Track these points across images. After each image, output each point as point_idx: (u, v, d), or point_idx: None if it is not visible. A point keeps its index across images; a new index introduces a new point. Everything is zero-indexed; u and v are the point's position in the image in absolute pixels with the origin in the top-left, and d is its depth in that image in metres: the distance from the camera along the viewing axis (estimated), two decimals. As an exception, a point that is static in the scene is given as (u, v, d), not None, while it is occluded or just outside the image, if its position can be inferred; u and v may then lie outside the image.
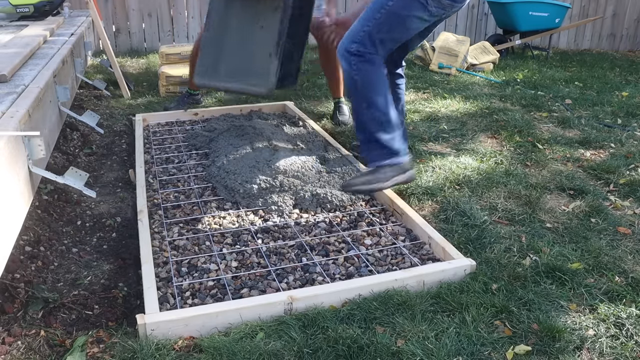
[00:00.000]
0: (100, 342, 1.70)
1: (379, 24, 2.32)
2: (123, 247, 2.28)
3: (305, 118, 3.65)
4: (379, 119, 2.37)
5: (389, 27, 2.33)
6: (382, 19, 2.32)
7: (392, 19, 2.31)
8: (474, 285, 1.93)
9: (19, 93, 2.01)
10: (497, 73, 5.33)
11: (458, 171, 2.93)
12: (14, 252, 2.03)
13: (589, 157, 3.18)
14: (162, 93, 4.35)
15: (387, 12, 2.30)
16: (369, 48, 2.33)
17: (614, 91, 4.72)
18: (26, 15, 3.60)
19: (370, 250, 2.21)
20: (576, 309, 1.85)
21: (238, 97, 4.30)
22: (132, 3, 5.85)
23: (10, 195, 1.58)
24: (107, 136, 3.54)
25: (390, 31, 2.34)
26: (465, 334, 1.70)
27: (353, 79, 2.36)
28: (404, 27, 2.35)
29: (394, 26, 2.33)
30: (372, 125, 2.38)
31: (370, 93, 2.36)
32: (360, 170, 2.79)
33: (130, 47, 5.96)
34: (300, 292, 1.86)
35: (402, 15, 2.31)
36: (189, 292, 1.94)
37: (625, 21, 7.30)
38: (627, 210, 2.56)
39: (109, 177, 2.94)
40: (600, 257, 2.14)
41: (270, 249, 2.21)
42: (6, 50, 2.59)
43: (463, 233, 2.30)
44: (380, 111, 2.36)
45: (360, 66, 2.34)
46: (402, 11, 2.30)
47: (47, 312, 1.84)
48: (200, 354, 1.62)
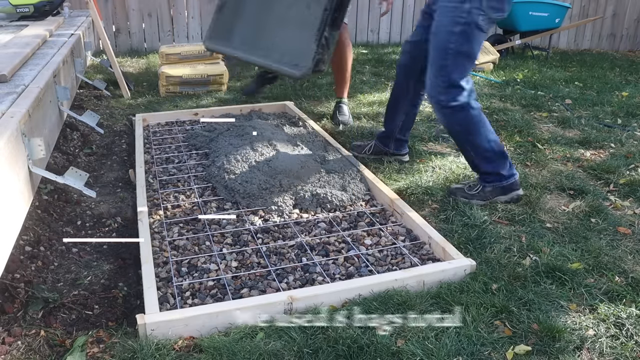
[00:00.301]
0: (100, 342, 1.70)
1: (450, 69, 2.42)
2: (123, 247, 2.28)
3: (305, 118, 3.65)
4: (482, 155, 2.57)
5: (461, 64, 2.43)
6: (451, 62, 2.42)
7: (459, 57, 2.41)
8: (474, 285, 1.93)
9: (19, 93, 2.01)
10: (497, 73, 5.33)
11: (458, 171, 2.93)
12: (14, 252, 2.03)
13: (589, 157, 3.18)
14: (162, 93, 4.35)
15: (454, 54, 2.40)
16: (456, 93, 2.45)
17: (614, 91, 4.72)
18: (26, 15, 3.60)
19: (370, 250, 2.21)
20: (576, 309, 1.85)
21: (238, 97, 4.30)
22: (132, 3, 5.85)
23: (10, 195, 1.58)
24: (107, 136, 3.54)
25: (464, 65, 2.44)
26: (465, 334, 1.70)
27: (455, 129, 2.57)
28: (473, 54, 2.43)
29: (465, 60, 2.43)
30: (478, 159, 2.58)
31: (470, 137, 2.55)
32: (360, 171, 2.79)
33: (130, 47, 5.96)
34: (300, 292, 1.86)
35: (465, 50, 2.40)
36: (189, 292, 1.94)
37: (625, 21, 7.30)
38: (627, 210, 2.56)
39: (109, 177, 2.94)
40: (600, 257, 2.14)
41: (270, 249, 2.21)
42: (6, 50, 2.59)
43: (463, 233, 2.30)
44: (483, 149, 2.54)
45: (457, 117, 2.51)
46: (464, 46, 2.39)
47: (47, 312, 1.83)
48: (200, 354, 1.62)
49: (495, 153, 2.55)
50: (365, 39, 6.70)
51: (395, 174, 2.91)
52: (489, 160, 2.56)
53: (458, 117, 2.49)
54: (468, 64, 2.44)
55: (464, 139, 2.56)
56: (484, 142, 2.52)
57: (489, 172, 2.56)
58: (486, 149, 2.53)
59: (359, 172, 2.79)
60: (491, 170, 2.56)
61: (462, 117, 2.49)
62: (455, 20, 2.36)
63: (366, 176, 2.75)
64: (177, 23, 6.01)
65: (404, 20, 6.73)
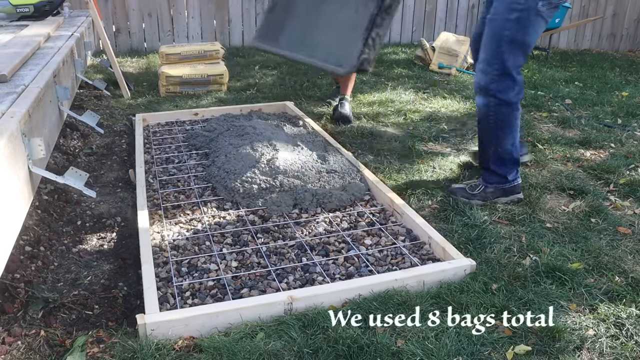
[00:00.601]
0: (100, 342, 1.70)
1: (505, 56, 2.38)
2: (123, 247, 2.28)
3: (305, 118, 3.65)
4: (500, 156, 2.55)
5: (515, 53, 2.38)
6: (505, 50, 2.37)
7: (514, 45, 2.36)
8: (474, 285, 1.93)
9: (19, 93, 2.01)
10: (497, 73, 5.32)
11: (458, 171, 2.93)
12: (14, 252, 2.03)
13: (589, 157, 3.18)
14: (162, 93, 4.35)
15: (508, 42, 2.36)
16: (508, 85, 2.42)
17: (614, 91, 4.72)
18: (26, 15, 3.60)
19: (370, 250, 2.21)
20: (576, 309, 1.85)
21: (238, 97, 4.30)
22: (132, 3, 5.84)
23: (10, 195, 1.58)
24: (107, 136, 3.54)
25: (518, 54, 2.39)
26: (465, 334, 1.70)
27: (488, 118, 2.51)
28: (528, 43, 2.39)
29: (519, 49, 2.38)
30: (494, 158, 2.56)
31: (500, 133, 2.52)
32: (360, 171, 2.79)
33: (130, 47, 5.96)
34: (300, 292, 1.86)
35: (520, 38, 2.35)
36: (189, 292, 1.94)
37: (625, 21, 7.30)
38: (627, 210, 2.56)
39: (109, 177, 2.94)
40: (600, 257, 2.14)
41: (270, 249, 2.21)
42: (6, 50, 2.59)
43: (463, 233, 2.30)
44: (504, 150, 2.53)
45: (498, 110, 2.48)
46: (519, 34, 2.34)
47: (47, 312, 1.83)
48: (200, 354, 1.62)
49: (512, 159, 2.55)
50: (365, 39, 6.68)
51: (395, 174, 2.91)
52: (503, 163, 2.56)
53: (500, 110, 2.47)
54: (522, 54, 2.39)
55: (493, 133, 2.53)
56: (508, 144, 2.52)
57: (497, 173, 2.56)
58: (506, 152, 2.53)
59: (359, 172, 2.79)
60: (499, 172, 2.56)
61: (503, 113, 2.47)
62: (512, 6, 2.31)
63: (366, 176, 2.75)
64: (177, 23, 6.01)
65: (404, 20, 6.73)
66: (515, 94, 2.44)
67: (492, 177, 2.58)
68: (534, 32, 2.36)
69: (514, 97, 2.44)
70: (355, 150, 3.24)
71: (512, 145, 2.53)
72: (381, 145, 3.32)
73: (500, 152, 2.54)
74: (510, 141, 2.52)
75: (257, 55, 5.87)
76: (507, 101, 2.44)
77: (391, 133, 3.51)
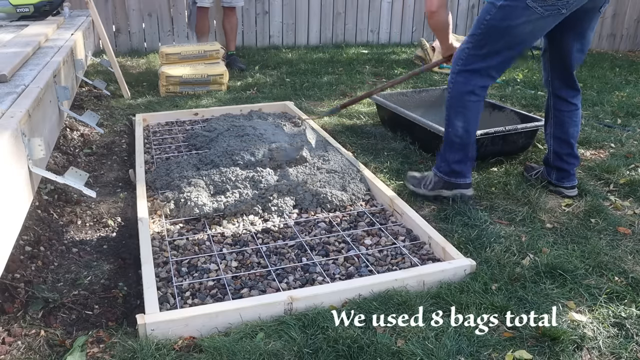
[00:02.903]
0: (100, 342, 1.70)
1: (479, 40, 2.33)
2: (123, 247, 2.28)
3: (305, 118, 3.65)
4: (449, 139, 2.49)
5: (491, 41, 2.30)
6: (482, 35, 2.31)
7: (492, 32, 2.29)
8: (474, 285, 1.93)
9: (19, 93, 2.01)
10: (497, 73, 5.32)
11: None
12: (14, 252, 2.03)
13: (589, 157, 3.18)
14: (162, 93, 4.35)
15: (487, 27, 2.29)
16: (471, 66, 2.36)
17: (614, 91, 4.72)
18: (26, 15, 3.60)
19: (370, 250, 2.21)
20: (576, 309, 1.85)
21: (238, 97, 4.30)
22: (132, 3, 5.84)
23: (10, 195, 1.58)
24: (107, 136, 3.54)
25: (494, 44, 2.31)
26: (465, 334, 1.70)
27: (449, 94, 2.46)
28: (510, 37, 2.28)
29: (497, 38, 2.29)
30: (446, 141, 2.51)
31: (450, 112, 2.46)
32: (360, 171, 2.79)
33: (130, 47, 5.96)
34: (300, 292, 1.86)
35: (502, 27, 2.26)
36: (189, 292, 1.94)
37: (625, 21, 7.30)
38: (627, 210, 2.56)
39: (109, 177, 2.94)
40: (600, 257, 2.14)
41: (270, 249, 2.21)
42: (6, 50, 2.59)
43: (463, 233, 2.30)
44: (453, 133, 2.46)
45: (455, 86, 2.42)
46: (502, 23, 2.25)
47: (47, 312, 1.83)
48: (200, 354, 1.62)
49: (462, 145, 2.45)
50: (365, 39, 6.70)
51: (395, 174, 2.91)
52: (452, 147, 2.47)
53: (458, 89, 2.40)
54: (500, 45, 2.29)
55: (448, 112, 2.46)
56: (458, 127, 2.43)
57: (446, 159, 2.50)
58: (457, 134, 2.44)
59: (359, 172, 2.79)
60: (448, 159, 2.49)
61: (459, 90, 2.40)
62: None
63: (366, 176, 2.75)
64: (177, 23, 6.01)
65: (404, 20, 6.73)
66: (479, 82, 2.37)
67: (441, 166, 2.52)
68: (520, 27, 2.24)
69: (478, 82, 2.37)
70: (355, 150, 3.24)
71: (464, 129, 2.43)
72: (381, 145, 3.31)
73: (451, 135, 2.47)
74: (462, 124, 2.43)
75: (257, 55, 5.88)
76: (467, 78, 2.37)
77: (391, 133, 3.51)
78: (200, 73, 4.38)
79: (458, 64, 2.41)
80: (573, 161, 2.64)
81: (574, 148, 2.63)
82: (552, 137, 2.66)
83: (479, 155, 2.92)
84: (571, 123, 2.60)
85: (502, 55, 2.34)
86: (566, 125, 2.60)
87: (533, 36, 2.32)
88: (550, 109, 2.64)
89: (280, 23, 6.34)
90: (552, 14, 2.21)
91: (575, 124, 2.61)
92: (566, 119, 2.60)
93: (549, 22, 2.25)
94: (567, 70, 2.53)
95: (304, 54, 5.99)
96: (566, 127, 2.60)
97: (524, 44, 2.34)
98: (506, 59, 2.37)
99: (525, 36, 2.29)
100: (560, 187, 2.67)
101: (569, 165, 2.64)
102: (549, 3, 2.18)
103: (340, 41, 6.58)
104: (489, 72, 2.39)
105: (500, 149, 3.00)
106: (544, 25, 2.27)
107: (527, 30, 2.26)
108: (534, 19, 2.22)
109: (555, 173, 2.68)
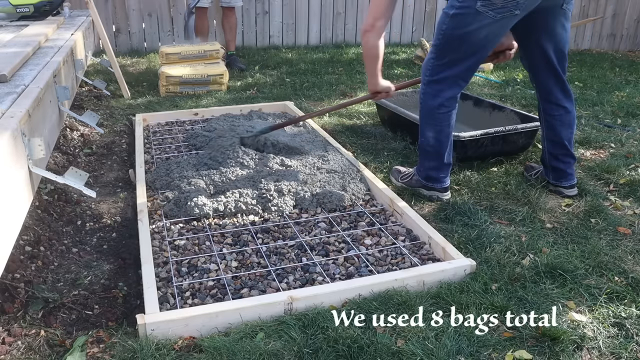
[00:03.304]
0: (100, 342, 1.70)
1: (440, 50, 2.37)
2: (123, 247, 2.28)
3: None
4: (423, 148, 2.57)
5: (451, 49, 2.33)
6: (442, 45, 2.35)
7: (450, 41, 2.32)
8: (474, 285, 1.93)
9: (19, 93, 2.01)
10: (497, 73, 5.33)
11: (458, 171, 2.93)
12: (14, 252, 2.03)
13: (589, 157, 3.18)
14: (162, 93, 4.35)
15: (444, 37, 2.32)
16: (438, 76, 2.40)
17: (614, 91, 4.72)
18: (26, 15, 3.60)
19: (370, 250, 2.21)
20: (576, 309, 1.85)
21: (238, 97, 4.30)
22: (132, 3, 5.84)
23: (10, 195, 1.58)
24: (107, 136, 3.54)
25: (454, 52, 2.33)
26: (465, 334, 1.70)
27: (420, 106, 2.52)
28: (468, 44, 2.30)
29: (456, 47, 2.32)
30: (419, 148, 2.59)
31: (422, 123, 2.53)
32: (360, 171, 2.79)
33: (130, 47, 5.96)
34: (300, 292, 1.86)
35: (458, 35, 2.28)
36: (189, 292, 1.94)
37: (625, 21, 7.30)
38: (627, 210, 2.56)
39: (109, 177, 2.94)
40: (600, 257, 2.14)
41: (270, 249, 2.21)
42: (6, 50, 2.59)
43: (463, 233, 2.30)
44: (426, 143, 2.53)
45: (425, 98, 2.48)
46: (457, 31, 2.27)
47: (47, 312, 1.83)
48: (200, 354, 1.62)
49: (436, 154, 2.52)
50: (365, 39, 6.68)
51: (395, 174, 2.91)
52: (426, 155, 2.56)
53: (427, 102, 2.46)
54: (461, 53, 2.31)
55: (421, 123, 2.55)
56: (430, 137, 2.50)
57: (423, 166, 2.59)
58: (429, 144, 2.52)
59: (359, 172, 2.79)
60: (424, 166, 2.58)
61: (426, 102, 2.47)
62: (452, 3, 2.26)
63: (366, 176, 2.75)
64: (177, 23, 6.00)
65: (404, 20, 6.73)
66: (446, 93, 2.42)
67: (420, 170, 2.62)
68: (476, 33, 2.25)
69: (446, 93, 2.41)
70: (355, 150, 3.24)
71: (435, 140, 2.49)
72: (381, 145, 3.31)
73: (424, 144, 2.55)
74: (432, 135, 2.49)
75: (257, 55, 5.88)
76: (435, 89, 2.42)
77: (391, 133, 3.51)
78: (200, 73, 4.38)
79: (426, 75, 2.46)
80: (569, 160, 2.63)
81: (569, 148, 2.62)
82: (545, 139, 2.66)
83: (479, 155, 2.93)
84: (563, 126, 2.57)
85: (465, 63, 2.37)
86: (557, 128, 2.58)
87: (491, 40, 2.32)
88: (541, 112, 2.65)
89: (280, 23, 6.34)
90: (504, 16, 2.21)
91: (567, 127, 2.58)
92: (557, 123, 2.57)
93: (504, 24, 2.26)
94: (551, 72, 2.50)
95: (304, 54, 5.99)
96: (558, 130, 2.58)
97: (485, 49, 2.35)
98: (471, 66, 2.40)
99: (483, 41, 2.30)
100: (560, 186, 2.67)
101: (565, 165, 2.63)
102: (498, 6, 2.18)
103: (340, 41, 6.58)
104: (456, 81, 2.42)
105: (500, 149, 3.00)
106: (500, 29, 2.28)
107: (482, 35, 2.26)
108: (487, 24, 2.23)
109: (552, 173, 2.67)
